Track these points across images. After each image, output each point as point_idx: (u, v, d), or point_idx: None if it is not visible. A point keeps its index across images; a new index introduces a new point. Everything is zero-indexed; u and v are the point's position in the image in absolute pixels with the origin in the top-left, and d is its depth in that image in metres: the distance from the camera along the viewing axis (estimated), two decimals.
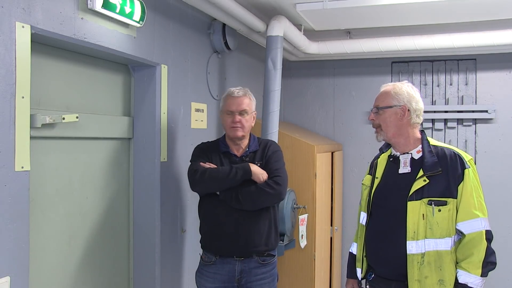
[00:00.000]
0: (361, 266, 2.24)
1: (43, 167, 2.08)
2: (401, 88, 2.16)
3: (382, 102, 2.17)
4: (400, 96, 2.13)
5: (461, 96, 4.47)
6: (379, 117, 2.17)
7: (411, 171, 2.10)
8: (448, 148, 2.12)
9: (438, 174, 2.04)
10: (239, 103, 2.54)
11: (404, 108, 2.12)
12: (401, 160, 2.16)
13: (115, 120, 2.53)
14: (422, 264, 2.01)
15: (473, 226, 2.01)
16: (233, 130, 2.53)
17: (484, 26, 3.65)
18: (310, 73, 4.88)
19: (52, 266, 2.15)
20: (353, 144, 4.77)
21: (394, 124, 2.14)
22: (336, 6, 3.11)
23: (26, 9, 1.77)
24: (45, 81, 2.08)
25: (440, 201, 2.02)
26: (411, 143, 2.16)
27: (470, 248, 2.01)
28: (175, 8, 2.81)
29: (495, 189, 4.39)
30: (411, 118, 2.13)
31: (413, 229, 2.02)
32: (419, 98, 2.16)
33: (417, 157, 2.13)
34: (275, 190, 2.45)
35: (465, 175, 2.03)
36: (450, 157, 2.07)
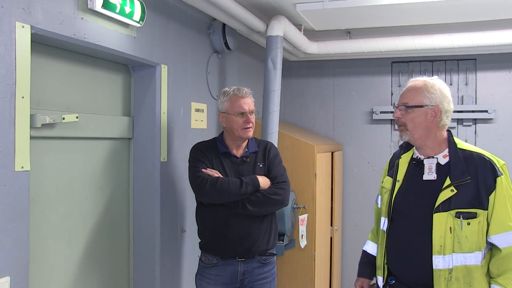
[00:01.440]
0: (382, 274, 2.08)
1: (43, 167, 2.08)
2: (433, 86, 1.94)
3: (411, 100, 1.95)
4: (433, 95, 1.92)
5: (461, 96, 4.47)
6: (407, 116, 1.95)
7: (437, 178, 1.92)
8: (478, 152, 1.94)
9: (467, 183, 1.86)
10: (249, 103, 2.53)
11: (436, 109, 1.92)
12: (426, 165, 1.97)
13: (115, 120, 2.53)
14: (450, 280, 1.85)
15: (509, 240, 1.84)
16: (246, 131, 2.51)
17: (484, 26, 3.65)
18: (310, 73, 4.88)
19: (52, 266, 2.15)
20: (353, 144, 4.77)
21: (423, 125, 1.94)
22: (336, 6, 3.11)
23: (26, 9, 1.77)
24: (45, 81, 2.08)
25: (469, 213, 1.84)
26: (438, 147, 1.97)
27: (506, 263, 1.84)
28: (175, 8, 2.81)
29: None
30: (441, 119, 1.95)
31: (440, 243, 1.86)
32: (450, 98, 1.98)
33: (443, 162, 1.94)
34: (281, 196, 2.47)
35: (498, 184, 1.86)
36: (481, 163, 1.89)
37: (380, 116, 4.62)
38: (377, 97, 4.69)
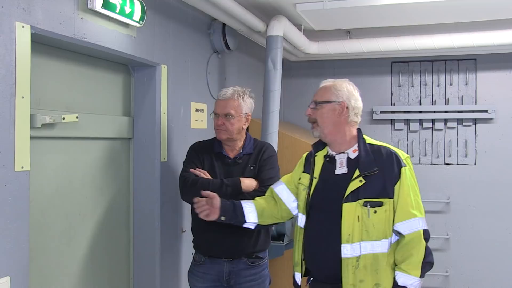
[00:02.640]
0: (300, 270, 2.12)
1: (43, 167, 2.08)
2: (341, 84, 2.10)
3: (320, 96, 2.09)
4: (340, 92, 2.06)
5: (461, 96, 4.47)
6: (316, 112, 2.08)
7: (348, 172, 2.01)
8: (384, 146, 2.05)
9: (375, 174, 1.96)
10: (224, 106, 2.48)
11: (342, 105, 2.04)
12: (337, 161, 2.06)
13: (115, 120, 2.53)
14: (358, 268, 1.92)
15: (411, 226, 1.94)
16: (217, 132, 2.51)
17: (484, 26, 3.65)
18: (310, 73, 4.87)
19: (52, 266, 2.15)
20: None
21: (331, 120, 2.05)
22: (336, 6, 3.11)
23: (26, 9, 1.77)
24: (45, 81, 2.08)
25: (376, 202, 1.94)
26: (347, 142, 2.07)
27: (409, 249, 1.94)
28: (175, 8, 2.81)
29: (495, 189, 4.39)
30: (349, 116, 2.05)
31: (348, 231, 1.93)
32: (358, 97, 2.10)
33: (353, 157, 2.04)
34: None
35: (402, 174, 1.96)
36: (387, 155, 2.00)
37: (380, 116, 4.62)
38: (377, 97, 4.69)
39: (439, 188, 4.53)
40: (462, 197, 4.48)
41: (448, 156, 4.52)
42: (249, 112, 2.56)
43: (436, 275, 4.52)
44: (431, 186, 4.54)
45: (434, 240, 4.52)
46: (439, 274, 4.51)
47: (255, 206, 2.24)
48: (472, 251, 4.45)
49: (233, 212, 2.20)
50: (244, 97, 2.54)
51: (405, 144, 4.63)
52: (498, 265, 4.39)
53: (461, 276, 4.48)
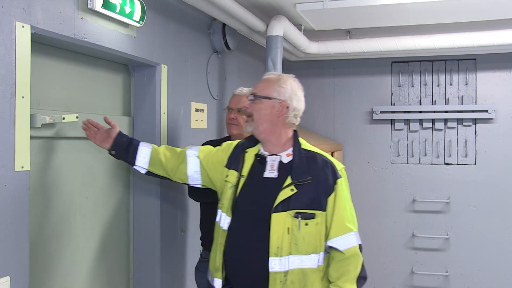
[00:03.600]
0: (221, 276, 1.92)
1: (43, 167, 2.08)
2: (285, 81, 1.94)
3: (261, 90, 1.93)
4: (283, 90, 1.91)
5: (461, 96, 4.47)
6: (254, 106, 1.92)
7: (279, 177, 1.87)
8: (320, 154, 1.93)
9: (308, 183, 1.83)
10: (238, 101, 2.54)
11: (283, 104, 1.90)
12: (268, 162, 1.91)
13: (115, 120, 2.52)
14: (285, 284, 1.78)
15: (348, 242, 1.84)
16: (229, 126, 2.55)
17: (484, 26, 3.65)
18: (310, 73, 4.88)
19: (52, 266, 2.15)
20: (353, 144, 4.78)
21: (268, 118, 1.90)
22: (336, 6, 3.11)
23: (26, 9, 1.77)
24: (45, 81, 2.08)
25: (308, 213, 1.81)
26: (282, 144, 1.93)
27: (346, 265, 1.83)
28: (175, 8, 2.81)
29: (495, 189, 4.39)
30: (288, 116, 1.91)
31: (277, 244, 1.79)
32: (301, 97, 1.97)
33: (286, 161, 1.90)
34: None
35: (337, 186, 1.86)
36: (322, 164, 1.88)
37: (380, 116, 4.62)
38: (377, 97, 4.69)
39: (439, 188, 4.53)
40: (462, 197, 4.48)
41: (448, 156, 4.52)
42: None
43: (436, 275, 4.52)
44: (431, 186, 4.55)
45: (434, 240, 4.53)
46: (439, 274, 4.51)
47: (151, 152, 2.07)
48: (472, 251, 4.45)
49: (125, 150, 2.04)
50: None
51: (405, 144, 4.63)
52: (498, 265, 4.39)
53: (461, 276, 4.48)
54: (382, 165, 4.70)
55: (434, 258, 4.55)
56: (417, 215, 4.61)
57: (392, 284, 4.66)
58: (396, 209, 4.66)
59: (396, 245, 4.65)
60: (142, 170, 2.10)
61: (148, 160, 2.06)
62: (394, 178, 4.66)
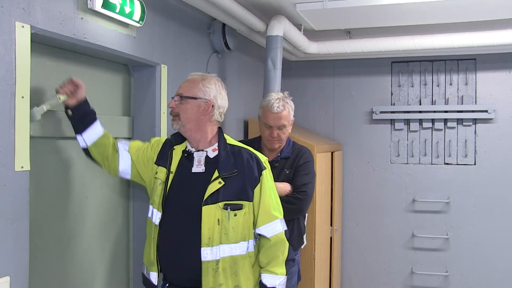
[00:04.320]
0: (156, 270, 2.02)
1: (43, 167, 2.08)
2: (210, 81, 2.01)
3: (187, 91, 1.99)
4: (208, 89, 1.98)
5: (461, 96, 4.47)
6: (181, 106, 1.98)
7: (206, 171, 1.96)
8: (245, 148, 2.03)
9: (234, 176, 1.93)
10: (278, 119, 2.56)
11: (208, 103, 1.97)
12: (195, 158, 2.00)
13: (115, 120, 2.53)
14: (217, 271, 1.89)
15: (274, 229, 1.96)
16: (270, 142, 2.60)
17: (484, 26, 3.65)
18: (310, 73, 4.88)
19: (52, 266, 2.15)
20: (353, 144, 4.78)
21: (194, 117, 1.97)
22: (336, 6, 3.11)
23: (26, 9, 1.77)
24: (45, 81, 2.08)
25: (236, 204, 1.91)
26: (208, 141, 2.01)
27: (275, 251, 1.97)
28: (175, 8, 2.81)
29: (495, 189, 4.39)
30: (213, 114, 1.99)
31: (208, 235, 1.88)
32: (225, 96, 2.04)
33: (212, 156, 1.99)
34: (295, 205, 2.50)
35: (262, 177, 1.96)
36: (247, 157, 1.97)
37: (380, 116, 4.63)
38: (377, 97, 4.69)
39: (439, 188, 4.54)
40: (462, 197, 4.48)
41: (448, 156, 4.52)
42: (293, 118, 2.66)
43: (436, 275, 4.53)
44: (431, 186, 4.55)
45: (434, 240, 4.53)
46: (439, 274, 4.51)
47: (102, 134, 2.05)
48: (472, 251, 4.46)
49: (83, 117, 2.01)
50: (290, 105, 2.62)
51: (405, 144, 4.63)
52: (498, 265, 4.39)
53: (461, 276, 4.48)
54: (382, 165, 4.71)
55: (434, 258, 4.55)
56: (417, 215, 4.61)
57: (392, 284, 4.66)
58: (396, 209, 4.66)
59: (396, 245, 4.65)
60: (82, 144, 2.05)
61: (96, 139, 2.05)
62: (394, 178, 4.66)
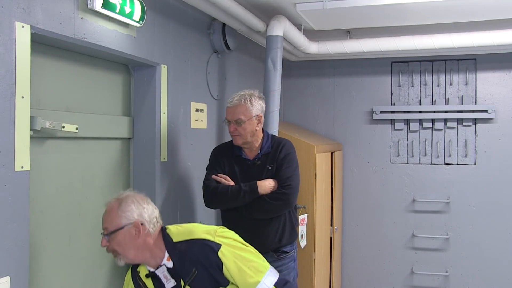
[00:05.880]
0: None
1: (43, 167, 2.08)
2: (126, 202, 1.88)
3: (111, 225, 1.86)
4: (129, 213, 1.86)
5: (461, 96, 4.47)
6: (112, 242, 1.86)
7: (176, 283, 1.90)
8: (194, 239, 1.90)
9: (197, 275, 1.87)
10: (233, 112, 2.56)
11: (137, 225, 1.85)
12: (161, 276, 1.91)
13: (115, 120, 2.53)
14: None
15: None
16: (233, 138, 2.60)
17: (484, 26, 3.65)
18: (310, 73, 4.88)
19: (52, 266, 2.15)
20: (353, 144, 4.77)
21: (131, 245, 1.86)
22: (336, 6, 3.11)
23: (26, 9, 1.77)
24: (45, 81, 2.08)
25: None
26: (159, 253, 1.91)
27: None
28: (175, 8, 2.81)
29: (495, 189, 4.39)
30: (148, 230, 1.88)
31: None
32: (148, 205, 1.91)
33: (171, 265, 1.90)
34: (282, 200, 2.53)
35: (222, 258, 1.86)
36: (199, 249, 1.87)
37: (380, 116, 4.63)
38: (377, 97, 4.69)
39: (439, 188, 4.54)
40: (462, 197, 4.48)
41: (448, 156, 4.52)
42: (259, 113, 2.62)
43: (436, 275, 4.52)
44: (431, 186, 4.55)
45: (434, 240, 4.53)
46: (439, 274, 4.51)
47: None
48: (472, 251, 4.46)
49: None
50: (252, 100, 2.58)
51: (405, 144, 4.63)
52: (498, 265, 4.39)
53: (461, 276, 4.48)
54: (382, 165, 4.71)
55: (434, 258, 4.55)
56: (417, 215, 4.61)
57: (392, 284, 4.66)
58: (396, 209, 4.66)
59: (396, 245, 4.65)
60: None
61: None
62: (394, 178, 4.66)
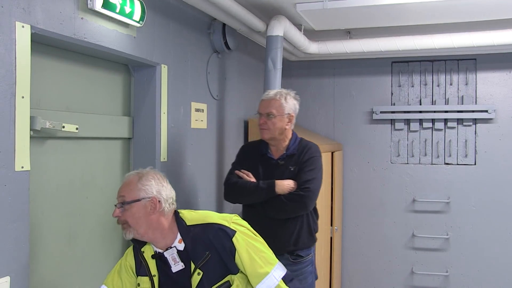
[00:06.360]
0: None
1: (43, 167, 2.08)
2: (147, 177, 1.87)
3: (128, 194, 1.85)
4: (148, 187, 1.85)
5: (461, 96, 4.47)
6: (126, 213, 1.84)
7: (185, 267, 1.87)
8: (207, 223, 1.89)
9: (209, 259, 1.84)
10: (266, 106, 2.58)
11: (154, 200, 1.84)
12: (169, 258, 1.88)
13: (115, 120, 2.53)
14: None
15: (269, 284, 1.86)
16: (261, 131, 2.62)
17: (484, 26, 3.65)
18: (310, 73, 4.88)
19: (52, 266, 2.15)
20: (353, 144, 4.77)
21: (144, 219, 1.84)
22: (336, 6, 3.11)
23: (26, 9, 1.77)
24: (45, 81, 2.08)
25: (223, 284, 1.85)
26: (170, 235, 1.88)
27: None
28: (175, 8, 2.81)
29: (495, 189, 4.39)
30: (163, 209, 1.85)
31: None
32: (168, 185, 1.91)
33: (182, 248, 1.87)
34: (298, 202, 2.52)
35: (235, 244, 1.84)
36: (213, 234, 1.86)
37: (380, 116, 4.62)
38: (377, 97, 4.69)
39: (439, 188, 4.53)
40: (462, 197, 4.48)
41: (448, 156, 4.52)
42: (291, 112, 2.63)
43: (436, 275, 4.52)
44: (431, 186, 4.55)
45: (434, 240, 4.53)
46: (439, 274, 4.51)
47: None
48: (472, 251, 4.46)
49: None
50: (287, 98, 2.62)
51: (405, 144, 4.63)
52: (498, 265, 4.39)
53: (461, 276, 4.48)
54: (382, 165, 4.71)
55: (434, 258, 4.55)
56: (417, 215, 4.61)
57: (392, 284, 4.66)
58: (396, 209, 4.66)
59: (396, 245, 4.65)
60: None
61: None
62: (394, 178, 4.66)
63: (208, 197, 3.28)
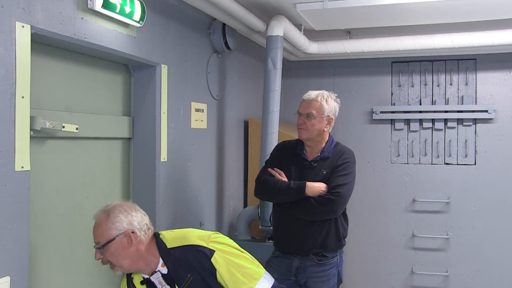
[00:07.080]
0: None
1: (43, 167, 2.08)
2: (114, 212, 1.85)
3: (101, 237, 1.83)
4: (118, 223, 1.83)
5: (461, 96, 4.47)
6: (106, 254, 1.83)
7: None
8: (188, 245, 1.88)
9: (192, 281, 1.85)
10: (306, 106, 2.58)
11: (128, 234, 1.83)
12: (155, 282, 1.89)
13: (115, 120, 2.53)
14: None
15: None
16: (299, 131, 2.62)
17: (484, 26, 3.65)
18: (310, 73, 4.87)
19: (52, 266, 2.15)
20: (353, 144, 4.75)
21: (124, 254, 1.83)
22: (336, 6, 3.11)
23: (26, 9, 1.77)
24: (45, 81, 2.08)
25: None
26: (153, 260, 1.89)
27: None
28: (175, 8, 2.81)
29: (495, 189, 4.39)
30: (139, 237, 1.85)
31: None
32: (137, 213, 1.89)
33: (165, 272, 1.88)
34: (326, 206, 2.49)
35: (215, 264, 1.84)
36: (192, 255, 1.85)
37: (380, 116, 4.62)
38: (377, 97, 4.69)
39: (439, 188, 4.53)
40: (462, 197, 4.48)
41: (448, 156, 4.52)
42: (331, 115, 2.62)
43: (436, 275, 4.52)
44: (431, 186, 4.55)
45: (434, 240, 4.53)
46: (439, 274, 4.51)
47: None
48: (472, 251, 4.45)
49: None
50: (328, 100, 2.60)
51: (405, 144, 4.63)
52: (498, 265, 4.39)
53: (461, 276, 4.48)
54: (382, 165, 4.70)
55: (434, 258, 4.55)
56: (417, 215, 4.60)
57: (392, 284, 4.66)
58: (396, 209, 4.65)
59: (396, 245, 4.65)
60: None
61: None
62: (394, 178, 4.66)
63: (208, 197, 3.28)
